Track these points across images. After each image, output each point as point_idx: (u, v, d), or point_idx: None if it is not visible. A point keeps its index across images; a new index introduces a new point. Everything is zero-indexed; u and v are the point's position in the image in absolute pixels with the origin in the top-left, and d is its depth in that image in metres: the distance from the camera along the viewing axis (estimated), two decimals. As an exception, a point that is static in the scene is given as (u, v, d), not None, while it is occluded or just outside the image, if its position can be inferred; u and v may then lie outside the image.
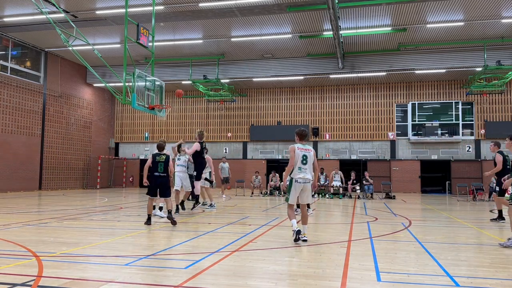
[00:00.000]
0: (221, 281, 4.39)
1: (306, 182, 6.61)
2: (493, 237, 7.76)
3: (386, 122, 24.80)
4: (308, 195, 6.74)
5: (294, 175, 6.57)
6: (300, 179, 6.56)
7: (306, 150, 6.69)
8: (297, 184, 6.57)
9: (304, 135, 6.82)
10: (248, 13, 16.87)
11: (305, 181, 6.60)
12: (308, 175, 6.65)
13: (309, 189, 6.70)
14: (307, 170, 6.63)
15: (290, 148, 6.68)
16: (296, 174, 6.57)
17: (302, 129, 6.94)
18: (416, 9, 16.32)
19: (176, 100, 27.90)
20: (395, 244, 6.93)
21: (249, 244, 6.49)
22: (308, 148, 6.74)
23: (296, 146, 6.67)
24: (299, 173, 6.56)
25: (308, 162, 6.63)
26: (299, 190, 6.62)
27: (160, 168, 8.91)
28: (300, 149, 6.64)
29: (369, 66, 22.02)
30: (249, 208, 13.60)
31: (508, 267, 5.22)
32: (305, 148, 6.70)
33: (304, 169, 6.58)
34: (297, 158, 6.55)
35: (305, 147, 6.72)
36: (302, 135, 6.82)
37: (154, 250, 6.01)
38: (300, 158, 6.56)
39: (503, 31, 18.42)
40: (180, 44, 21.15)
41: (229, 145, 27.01)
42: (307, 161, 6.62)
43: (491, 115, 23.53)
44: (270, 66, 23.31)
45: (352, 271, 4.85)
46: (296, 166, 6.54)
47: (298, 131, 6.87)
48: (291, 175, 6.58)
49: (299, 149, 6.63)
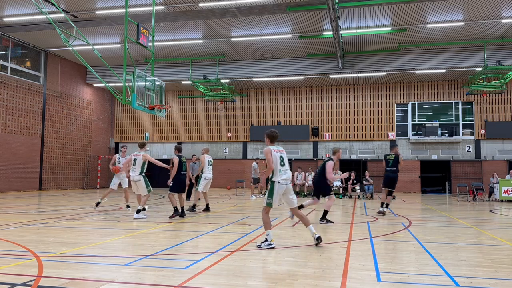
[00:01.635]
0: (221, 281, 4.39)
1: (288, 183, 6.57)
2: (493, 237, 7.76)
3: (386, 122, 24.80)
4: (292, 196, 6.65)
5: (276, 177, 6.45)
6: (283, 180, 6.47)
7: (281, 151, 6.66)
8: (281, 186, 6.47)
9: (275, 136, 6.75)
10: (248, 13, 16.87)
11: (287, 182, 6.55)
12: (289, 175, 6.62)
13: (291, 189, 6.64)
14: (287, 170, 6.59)
15: (265, 150, 6.55)
16: (278, 177, 6.47)
17: (272, 130, 6.84)
18: (416, 9, 16.33)
19: (176, 100, 27.91)
20: (395, 244, 6.93)
21: (249, 244, 6.49)
22: (281, 149, 6.72)
23: (272, 148, 6.57)
24: (281, 175, 6.48)
25: (285, 163, 6.61)
26: (282, 192, 6.52)
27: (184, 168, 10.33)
28: (275, 151, 6.57)
29: (369, 66, 22.02)
30: (249, 208, 13.60)
31: (508, 267, 5.22)
32: (279, 149, 6.66)
33: (284, 170, 6.53)
34: (275, 160, 6.47)
35: (278, 148, 6.67)
36: (273, 136, 6.73)
37: (154, 250, 6.01)
38: (277, 160, 6.49)
39: (503, 31, 18.41)
40: (180, 44, 21.15)
41: (229, 145, 27.01)
42: (284, 162, 6.58)
43: (491, 115, 23.53)
44: (270, 66, 23.31)
45: (352, 271, 4.85)
46: (277, 169, 6.46)
47: (268, 133, 6.74)
48: (273, 178, 6.45)
49: (274, 151, 6.55)
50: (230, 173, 25.81)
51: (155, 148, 28.23)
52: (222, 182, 25.94)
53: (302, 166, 22.52)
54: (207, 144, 27.26)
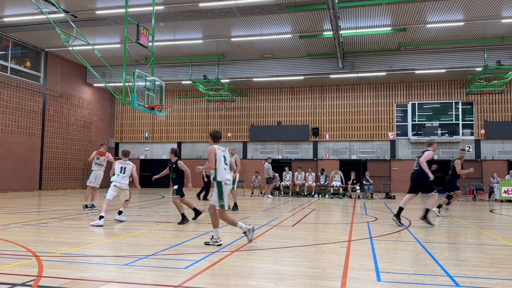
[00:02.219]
0: (221, 281, 4.39)
1: (227, 184, 6.58)
2: (493, 237, 7.77)
3: (386, 122, 24.80)
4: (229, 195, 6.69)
5: (222, 177, 6.44)
6: (227, 180, 6.50)
7: (224, 151, 6.67)
8: (226, 187, 6.49)
9: (217, 136, 6.76)
10: (248, 13, 16.87)
11: (230, 182, 6.61)
12: (231, 176, 6.69)
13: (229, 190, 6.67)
14: (229, 171, 6.64)
15: (209, 149, 6.54)
16: (223, 176, 6.46)
17: (215, 130, 6.87)
18: (416, 9, 16.33)
19: (176, 100, 27.92)
20: (395, 244, 6.93)
21: (249, 244, 6.49)
22: (225, 149, 6.73)
23: (216, 147, 6.57)
24: (225, 174, 6.48)
25: (228, 163, 6.63)
26: (227, 192, 6.55)
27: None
28: (222, 150, 6.60)
29: (369, 66, 22.02)
30: (249, 208, 13.60)
31: (508, 267, 5.22)
32: (223, 149, 6.69)
33: (227, 170, 6.57)
34: (219, 160, 6.46)
35: (223, 148, 6.70)
36: (215, 136, 6.75)
37: (154, 250, 6.01)
38: (222, 159, 6.50)
39: (503, 31, 18.41)
40: (180, 44, 21.15)
41: (229, 145, 26.96)
42: (227, 162, 6.61)
43: (491, 115, 23.54)
44: (270, 66, 23.31)
45: (352, 271, 4.85)
46: (221, 167, 6.45)
47: (211, 133, 6.78)
48: (219, 178, 6.42)
49: (220, 150, 6.56)
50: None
51: (155, 148, 28.24)
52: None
53: (302, 166, 22.52)
54: (207, 144, 27.24)
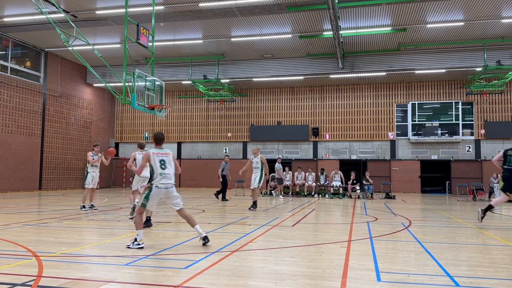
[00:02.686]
0: (221, 281, 4.39)
1: (168, 187, 6.41)
2: (493, 237, 7.77)
3: (386, 122, 24.80)
4: (176, 200, 6.50)
5: (156, 181, 6.35)
6: (161, 184, 6.34)
7: (164, 154, 6.50)
8: (158, 190, 6.35)
9: (159, 138, 6.63)
10: (248, 13, 16.87)
11: (167, 186, 6.40)
12: (171, 180, 6.46)
13: (174, 193, 6.48)
14: (169, 175, 6.43)
15: (144, 154, 6.49)
16: (157, 180, 6.35)
17: (158, 132, 6.74)
18: (416, 9, 16.33)
19: (176, 100, 27.92)
20: (395, 244, 6.93)
21: (249, 244, 6.49)
22: (166, 152, 6.55)
23: (152, 151, 6.47)
24: (160, 178, 6.35)
25: (167, 167, 6.44)
26: (159, 196, 6.41)
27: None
28: (156, 154, 6.45)
29: (369, 66, 22.02)
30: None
31: (508, 267, 5.22)
32: (163, 153, 6.51)
33: (165, 174, 6.38)
34: (154, 164, 6.37)
35: (162, 152, 6.53)
36: (157, 138, 6.63)
37: (154, 250, 6.01)
38: (157, 164, 6.37)
39: (503, 31, 18.41)
40: (180, 44, 21.16)
41: (229, 145, 27.02)
42: (165, 166, 6.42)
43: (491, 115, 23.53)
44: (270, 66, 23.31)
45: (352, 271, 4.85)
46: (157, 172, 6.35)
47: (154, 135, 6.68)
48: (153, 181, 6.38)
49: (154, 154, 6.43)
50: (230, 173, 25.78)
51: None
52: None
53: (302, 166, 22.51)
54: (207, 144, 27.27)
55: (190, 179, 26.98)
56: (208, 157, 27.16)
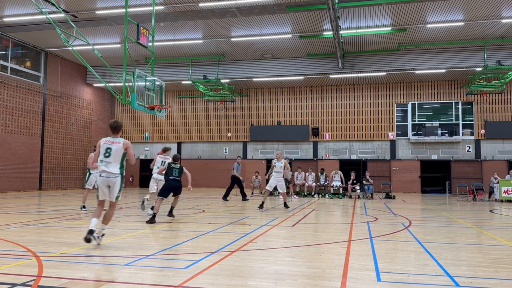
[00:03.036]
0: (221, 281, 4.39)
1: (109, 176, 6.19)
2: (493, 237, 7.76)
3: (386, 122, 24.80)
4: (113, 191, 6.27)
5: (99, 168, 6.23)
6: (102, 172, 6.20)
7: (113, 143, 6.30)
8: (100, 178, 6.23)
9: (113, 127, 6.49)
10: (248, 13, 16.88)
11: (108, 175, 6.18)
12: (112, 169, 6.21)
13: (115, 183, 6.22)
14: (111, 163, 6.22)
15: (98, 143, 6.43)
16: (99, 168, 6.23)
17: (113, 121, 6.64)
18: (416, 9, 16.32)
19: (176, 100, 27.92)
20: (395, 244, 6.93)
21: (249, 244, 6.49)
22: (115, 141, 6.32)
23: (103, 139, 6.39)
24: (100, 166, 6.22)
25: (111, 155, 6.21)
26: (104, 185, 6.24)
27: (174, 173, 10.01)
28: (105, 141, 6.33)
29: (369, 66, 22.02)
30: (249, 208, 13.60)
31: (508, 267, 5.22)
32: (112, 141, 6.32)
33: (106, 162, 6.21)
34: (101, 151, 6.24)
35: (113, 140, 6.36)
36: (111, 127, 6.51)
37: (154, 250, 6.01)
38: (103, 150, 6.24)
39: (503, 31, 18.41)
40: (180, 44, 21.16)
41: (229, 145, 27.02)
42: (110, 154, 6.21)
43: (491, 115, 23.53)
44: (270, 66, 23.31)
45: (352, 271, 4.85)
46: (99, 160, 6.23)
47: (109, 123, 6.57)
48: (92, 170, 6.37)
49: (104, 141, 6.33)
50: (230, 173, 25.77)
51: (155, 148, 28.23)
52: (222, 182, 25.93)
53: (302, 166, 22.51)
54: (207, 144, 27.26)
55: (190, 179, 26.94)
56: (208, 157, 27.17)
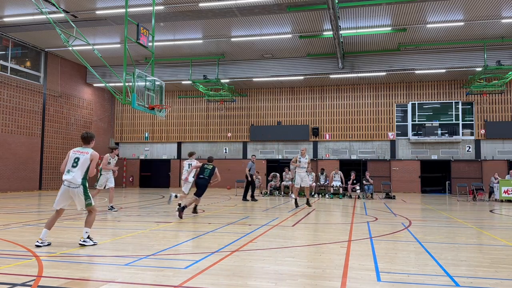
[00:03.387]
0: (221, 281, 4.40)
1: (70, 186, 6.25)
2: (493, 237, 7.77)
3: (386, 122, 24.79)
4: (78, 201, 6.32)
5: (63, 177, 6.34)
6: (65, 181, 6.29)
7: (81, 153, 6.41)
8: (63, 187, 6.32)
9: (84, 137, 6.60)
10: (248, 13, 16.87)
11: (69, 184, 6.25)
12: (74, 179, 6.25)
13: (76, 194, 6.26)
14: (75, 173, 6.27)
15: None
16: (63, 177, 6.33)
17: (84, 132, 6.77)
18: (416, 9, 16.32)
19: (176, 100, 27.92)
20: (395, 244, 6.93)
21: (249, 244, 6.50)
22: (84, 151, 6.44)
23: (74, 149, 6.51)
24: (65, 175, 6.32)
25: (78, 165, 6.30)
26: (65, 194, 6.29)
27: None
28: (75, 151, 6.46)
29: (369, 66, 22.01)
30: (249, 208, 13.61)
31: (508, 267, 5.22)
32: (81, 151, 6.43)
33: (72, 172, 6.29)
34: (68, 161, 6.36)
35: (82, 150, 6.47)
36: (82, 138, 6.62)
37: (154, 250, 6.01)
38: (71, 160, 6.34)
39: (503, 31, 18.41)
40: (180, 44, 21.16)
41: (229, 145, 27.02)
42: (77, 164, 6.31)
43: (491, 115, 23.53)
44: (270, 66, 23.31)
45: (352, 271, 4.85)
46: (66, 169, 6.35)
47: (81, 134, 6.73)
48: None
49: (73, 151, 6.46)
50: (230, 173, 25.82)
51: (155, 148, 28.25)
52: (222, 182, 25.83)
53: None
54: (207, 144, 27.26)
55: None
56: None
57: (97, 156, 6.53)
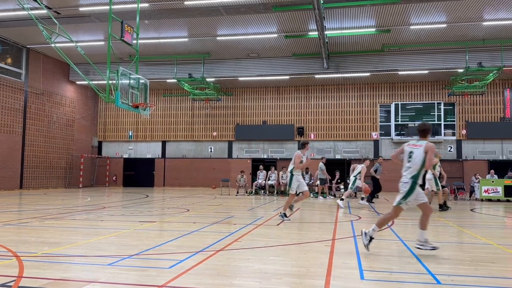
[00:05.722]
0: (206, 280, 4.38)
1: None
2: (474, 236, 7.92)
3: (370, 122, 25.06)
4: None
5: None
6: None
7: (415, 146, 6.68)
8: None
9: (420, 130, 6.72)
10: (234, 12, 16.85)
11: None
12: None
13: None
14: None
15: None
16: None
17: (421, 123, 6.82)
18: (399, 10, 16.53)
19: (161, 98, 27.70)
20: (378, 243, 7.00)
21: (234, 244, 6.49)
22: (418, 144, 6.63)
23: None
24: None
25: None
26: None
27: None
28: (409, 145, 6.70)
29: (353, 66, 22.22)
30: (234, 207, 13.59)
31: (488, 265, 5.33)
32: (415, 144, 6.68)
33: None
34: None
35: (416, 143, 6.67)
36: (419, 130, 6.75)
37: (138, 250, 5.95)
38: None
39: (484, 33, 18.78)
40: (165, 42, 21.00)
41: (215, 144, 26.93)
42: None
43: (472, 116, 23.99)
44: (256, 66, 23.32)
45: (336, 270, 4.89)
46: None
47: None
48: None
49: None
50: (215, 172, 25.78)
51: (139, 147, 27.97)
52: (207, 181, 25.89)
53: (287, 165, 22.52)
54: (192, 143, 27.13)
55: (175, 178, 26.82)
56: (193, 156, 27.04)
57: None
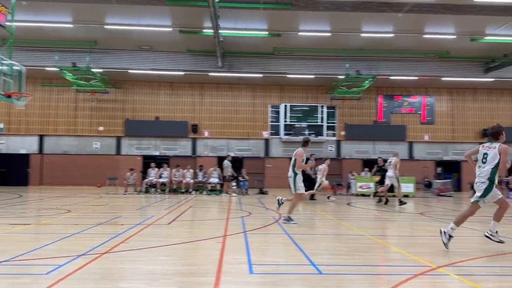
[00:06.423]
0: (88, 285, 4.10)
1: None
2: (350, 228, 8.72)
3: (261, 121, 26.00)
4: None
5: None
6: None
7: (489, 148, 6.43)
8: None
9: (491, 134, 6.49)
10: (124, 1, 16.00)
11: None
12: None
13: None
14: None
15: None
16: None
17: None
18: (289, 16, 17.44)
19: (39, 88, 25.06)
20: (266, 237, 7.31)
21: (121, 245, 6.18)
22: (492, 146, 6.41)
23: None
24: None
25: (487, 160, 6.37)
26: None
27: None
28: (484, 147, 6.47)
29: (246, 67, 22.83)
30: (122, 206, 12.96)
31: (363, 254, 5.93)
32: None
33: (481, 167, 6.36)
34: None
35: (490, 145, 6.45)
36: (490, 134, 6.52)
37: (9, 255, 5.31)
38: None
39: (363, 44, 20.78)
40: (47, 27, 19.05)
41: (101, 140, 25.30)
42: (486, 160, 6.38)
43: (350, 119, 26.40)
44: (148, 59, 22.50)
45: (227, 265, 4.96)
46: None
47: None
48: None
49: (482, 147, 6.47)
50: (102, 170, 24.20)
51: (12, 142, 24.97)
52: (92, 179, 24.18)
53: (180, 163, 22.23)
54: (74, 138, 25.11)
55: (54, 177, 24.52)
56: (76, 153, 25.03)
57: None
